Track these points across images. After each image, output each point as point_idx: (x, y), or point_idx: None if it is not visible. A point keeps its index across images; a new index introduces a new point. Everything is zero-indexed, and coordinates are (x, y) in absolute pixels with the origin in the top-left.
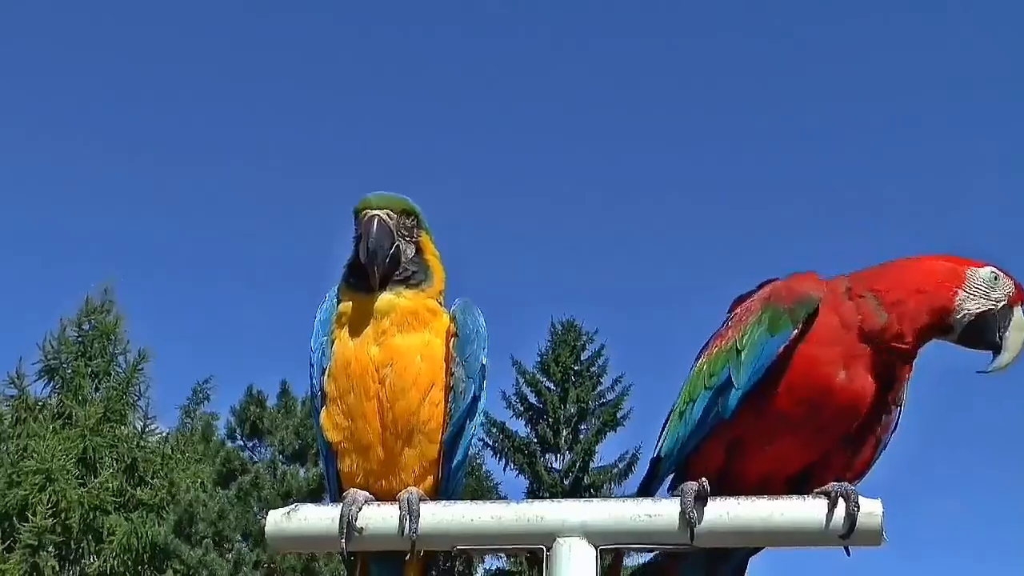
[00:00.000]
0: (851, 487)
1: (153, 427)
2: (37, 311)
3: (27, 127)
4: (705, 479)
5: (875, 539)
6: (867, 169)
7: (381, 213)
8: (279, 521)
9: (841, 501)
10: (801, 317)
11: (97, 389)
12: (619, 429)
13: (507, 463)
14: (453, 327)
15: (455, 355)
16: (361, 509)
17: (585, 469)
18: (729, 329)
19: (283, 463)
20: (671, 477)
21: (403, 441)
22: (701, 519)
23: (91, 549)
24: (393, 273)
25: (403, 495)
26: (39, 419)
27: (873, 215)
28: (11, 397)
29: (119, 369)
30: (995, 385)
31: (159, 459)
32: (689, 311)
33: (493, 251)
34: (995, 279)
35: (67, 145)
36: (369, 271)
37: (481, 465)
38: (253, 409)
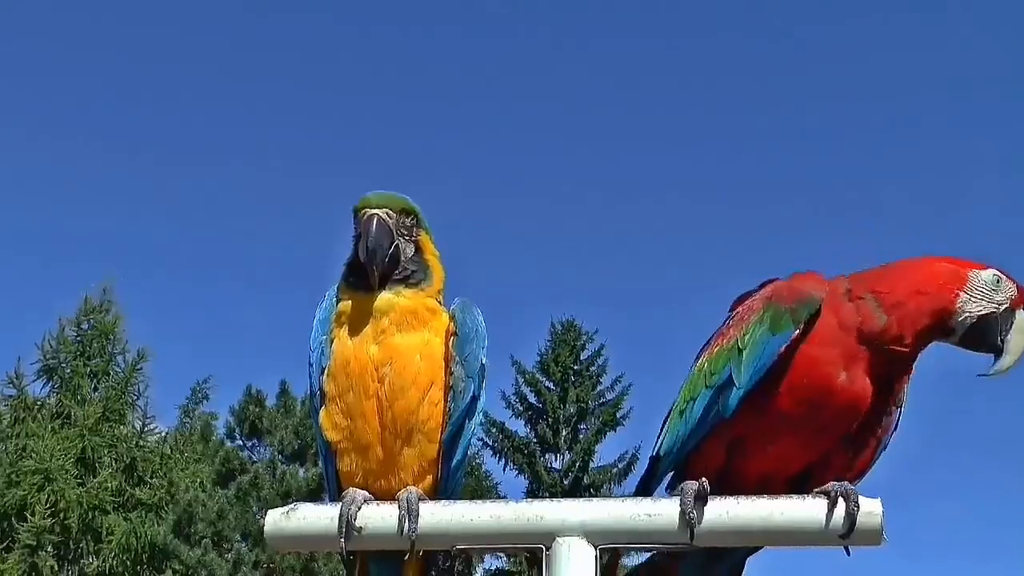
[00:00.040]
0: (851, 486)
1: (152, 427)
2: (36, 311)
3: (27, 127)
4: (705, 478)
5: (875, 539)
6: (867, 169)
7: (380, 212)
8: (278, 520)
9: (841, 500)
10: (803, 317)
11: (96, 389)
12: (619, 429)
13: (507, 463)
14: (452, 326)
15: (454, 354)
16: (360, 508)
17: (585, 469)
18: (731, 328)
19: (282, 463)
20: (670, 476)
21: (402, 440)
22: (701, 519)
23: (90, 549)
24: (392, 272)
25: (402, 494)
26: (38, 419)
27: (873, 215)
28: (10, 397)
29: (118, 369)
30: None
31: (158, 459)
32: (689, 311)
33: (493, 251)
34: (998, 282)
35: (66, 145)
36: (368, 270)
37: (481, 465)
38: (252, 409)
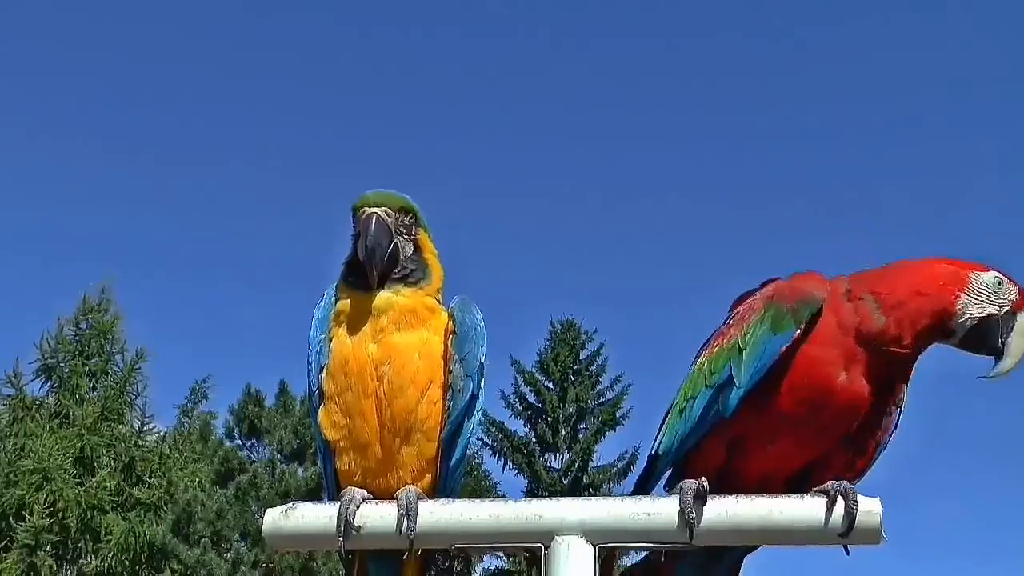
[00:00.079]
0: (850, 486)
1: (151, 426)
2: (35, 310)
3: (26, 127)
4: (704, 477)
5: (874, 538)
6: (867, 169)
7: (379, 211)
8: (277, 520)
9: (840, 499)
10: (804, 317)
11: (94, 388)
12: (618, 428)
13: (506, 462)
14: (451, 325)
15: (453, 353)
16: (359, 507)
17: (584, 468)
18: (731, 327)
19: (281, 462)
20: (668, 474)
21: (401, 439)
22: (700, 518)
23: (88, 549)
24: (391, 271)
25: (401, 493)
26: (36, 418)
27: (873, 215)
28: (8, 396)
29: (117, 368)
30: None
31: (157, 458)
32: (689, 311)
33: (493, 251)
34: (999, 284)
35: (66, 145)
36: (367, 269)
37: (480, 464)
38: (251, 408)
